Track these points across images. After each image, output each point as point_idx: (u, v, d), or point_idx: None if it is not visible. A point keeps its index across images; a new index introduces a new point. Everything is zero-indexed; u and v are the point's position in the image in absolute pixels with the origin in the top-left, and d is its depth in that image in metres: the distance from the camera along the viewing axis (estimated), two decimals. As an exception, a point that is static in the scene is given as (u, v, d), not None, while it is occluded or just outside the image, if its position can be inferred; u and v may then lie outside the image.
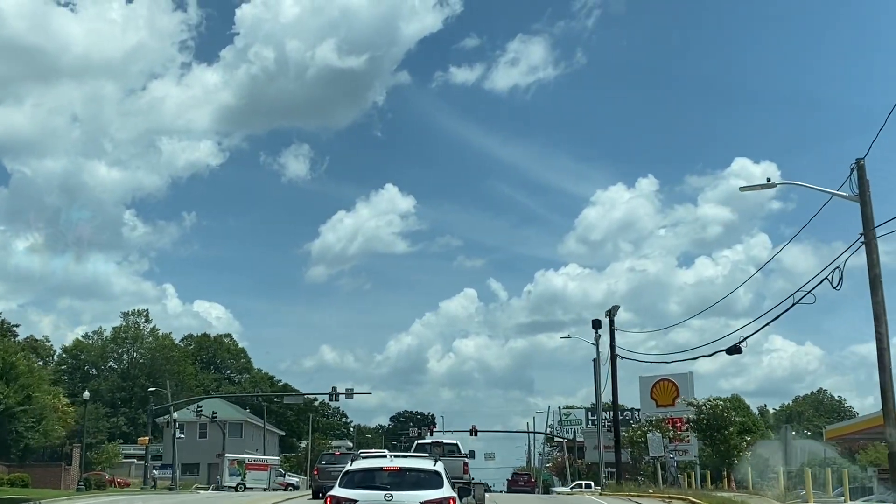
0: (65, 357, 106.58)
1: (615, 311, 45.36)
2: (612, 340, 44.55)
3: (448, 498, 13.26)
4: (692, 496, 33.87)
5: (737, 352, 27.09)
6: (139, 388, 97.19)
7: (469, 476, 26.35)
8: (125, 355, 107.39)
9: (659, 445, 42.49)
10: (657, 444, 42.35)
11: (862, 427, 45.61)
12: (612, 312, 45.17)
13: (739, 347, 26.80)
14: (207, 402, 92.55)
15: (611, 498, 37.56)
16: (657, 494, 36.84)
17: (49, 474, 54.50)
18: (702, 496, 33.62)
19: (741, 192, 22.55)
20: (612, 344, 44.44)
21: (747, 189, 22.36)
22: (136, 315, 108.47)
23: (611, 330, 44.89)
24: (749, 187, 22.32)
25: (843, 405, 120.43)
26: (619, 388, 46.14)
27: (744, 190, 22.50)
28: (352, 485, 13.44)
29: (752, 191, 22.34)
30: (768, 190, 21.81)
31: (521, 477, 74.43)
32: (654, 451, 42.68)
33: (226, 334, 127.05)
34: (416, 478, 13.63)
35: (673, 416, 53.71)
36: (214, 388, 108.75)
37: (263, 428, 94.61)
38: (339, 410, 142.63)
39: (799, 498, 34.08)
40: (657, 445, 42.35)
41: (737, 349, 26.93)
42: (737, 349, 26.93)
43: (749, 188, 22.36)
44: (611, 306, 45.70)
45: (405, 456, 16.65)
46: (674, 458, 45.82)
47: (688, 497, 33.80)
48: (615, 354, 44.04)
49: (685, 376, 58.43)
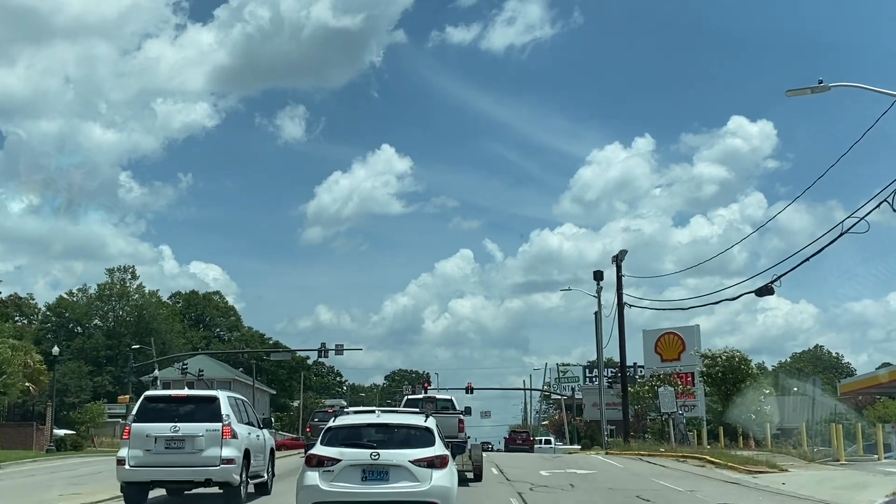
0: (49, 315, 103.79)
1: (623, 255, 42.05)
2: (619, 288, 41.33)
3: (440, 456, 12.12)
4: (709, 455, 30.94)
5: (768, 292, 24.00)
6: (125, 346, 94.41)
7: (465, 434, 23.52)
8: (111, 313, 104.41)
9: (672, 400, 39.43)
10: (669, 398, 39.30)
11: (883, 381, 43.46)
12: (619, 258, 41.88)
13: (771, 288, 23.71)
14: (195, 360, 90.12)
15: (619, 458, 34.62)
16: (669, 453, 33.93)
17: (21, 435, 51.67)
18: (720, 455, 30.70)
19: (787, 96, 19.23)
20: (619, 291, 41.23)
21: (794, 93, 19.07)
22: (123, 272, 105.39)
23: (618, 276, 41.64)
24: (797, 91, 19.02)
25: (840, 361, 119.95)
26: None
27: (791, 94, 19.17)
28: (335, 442, 12.30)
29: (800, 95, 19.04)
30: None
31: (519, 435, 71.52)
32: (666, 406, 39.62)
33: (214, 292, 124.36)
34: (405, 435, 12.53)
35: (678, 371, 51.13)
36: (203, 346, 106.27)
37: (253, 386, 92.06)
38: (334, 370, 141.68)
39: (828, 457, 31.17)
40: (669, 400, 39.31)
41: (768, 290, 23.84)
42: (768, 290, 23.84)
43: (797, 91, 19.05)
44: (618, 251, 42.43)
45: (394, 411, 15.24)
46: (682, 414, 42.89)
47: (705, 456, 30.88)
48: (622, 303, 40.83)
49: (691, 329, 55.80)
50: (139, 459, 16.11)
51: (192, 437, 16.13)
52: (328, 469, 11.92)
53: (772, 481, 23.30)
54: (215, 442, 16.04)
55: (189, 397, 17.61)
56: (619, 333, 41.87)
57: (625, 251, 42.57)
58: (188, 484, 16.61)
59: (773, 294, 23.88)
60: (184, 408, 16.79)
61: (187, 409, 16.77)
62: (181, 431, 16.14)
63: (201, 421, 16.30)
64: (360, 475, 11.86)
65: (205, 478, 16.19)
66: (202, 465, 16.04)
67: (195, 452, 16.00)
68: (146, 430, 16.21)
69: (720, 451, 32.88)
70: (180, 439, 16.15)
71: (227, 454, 16.09)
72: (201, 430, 16.15)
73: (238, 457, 16.25)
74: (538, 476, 24.06)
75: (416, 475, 11.81)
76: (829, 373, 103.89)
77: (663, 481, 23.04)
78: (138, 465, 16.11)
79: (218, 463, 16.00)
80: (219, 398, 16.96)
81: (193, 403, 17.04)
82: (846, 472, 25.32)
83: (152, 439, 16.13)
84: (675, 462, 30.81)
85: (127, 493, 16.54)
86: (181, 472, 16.09)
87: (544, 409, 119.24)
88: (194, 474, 16.13)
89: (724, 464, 28.18)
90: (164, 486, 17.05)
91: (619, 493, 19.99)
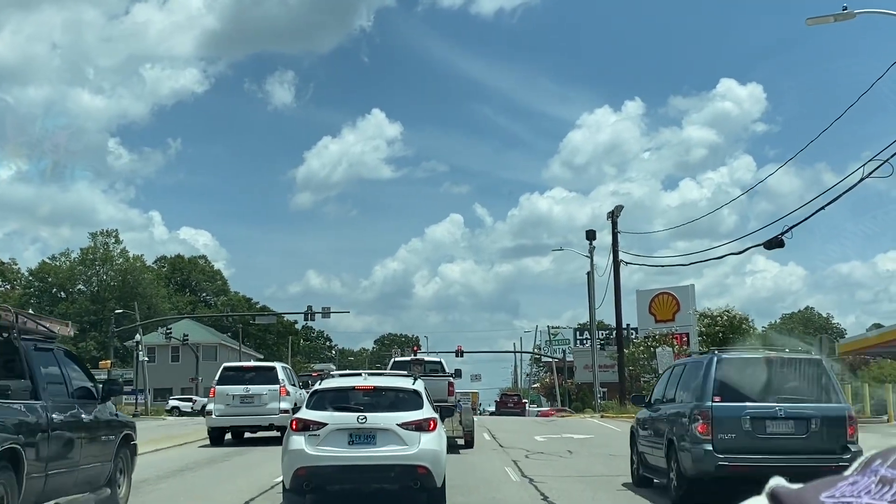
0: (32, 280, 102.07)
1: (619, 211, 40.51)
2: (614, 244, 39.83)
3: (428, 419, 11.84)
4: (710, 417, 29.60)
5: (778, 245, 22.48)
6: (109, 311, 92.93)
7: (455, 398, 22.17)
8: (94, 278, 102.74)
9: (670, 361, 37.92)
10: (668, 359, 37.81)
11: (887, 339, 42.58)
12: (614, 214, 40.34)
13: (782, 240, 22.19)
14: (180, 324, 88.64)
15: (615, 421, 33.31)
16: (668, 416, 32.62)
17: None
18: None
19: (808, 24, 17.56)
20: (614, 248, 39.72)
21: (815, 21, 17.38)
22: (106, 235, 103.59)
23: (613, 233, 40.10)
24: (818, 18, 17.33)
25: (830, 322, 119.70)
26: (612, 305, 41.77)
27: (812, 22, 17.48)
28: (321, 406, 12.10)
29: (822, 23, 17.38)
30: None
31: (510, 398, 70.50)
32: (664, 367, 38.08)
33: (200, 256, 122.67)
34: (392, 398, 12.36)
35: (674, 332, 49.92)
36: (189, 311, 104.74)
37: (239, 351, 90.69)
38: (323, 334, 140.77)
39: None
40: (668, 361, 37.79)
41: (779, 242, 22.32)
42: (779, 242, 22.32)
43: (818, 19, 17.35)
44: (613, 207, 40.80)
45: (381, 374, 15.08)
46: (679, 375, 41.54)
47: (706, 418, 29.54)
48: (618, 260, 39.30)
49: (686, 289, 54.42)
50: (222, 411, 23.18)
51: (259, 394, 23.20)
52: (314, 433, 11.58)
53: (780, 445, 21.97)
54: (275, 398, 22.77)
55: (255, 367, 25.95)
56: (615, 291, 40.48)
57: (621, 206, 41.12)
58: (257, 427, 23.27)
59: (783, 246, 22.37)
60: (250, 374, 24.39)
61: (253, 375, 24.34)
62: (251, 391, 23.26)
63: (264, 384, 23.38)
64: (347, 439, 11.58)
65: (269, 423, 22.75)
66: (267, 414, 22.75)
67: (262, 405, 22.79)
68: (226, 390, 23.35)
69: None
70: (251, 396, 23.21)
71: (284, 406, 22.60)
72: (265, 390, 23.20)
73: (291, 408, 21.39)
74: (533, 442, 22.71)
75: (403, 438, 11.50)
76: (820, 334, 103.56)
77: (666, 446, 21.68)
78: (221, 414, 23.18)
79: (278, 412, 22.50)
80: (276, 367, 24.82)
81: (257, 372, 24.79)
82: (861, 434, 23.99)
83: (230, 396, 23.20)
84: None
85: (212, 435, 23.41)
86: (252, 419, 23.04)
87: (535, 372, 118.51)
88: (261, 420, 22.81)
89: (727, 426, 26.87)
90: (240, 429, 23.76)
91: (620, 459, 18.57)
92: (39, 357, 9.97)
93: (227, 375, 24.06)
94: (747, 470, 11.08)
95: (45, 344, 10.48)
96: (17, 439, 8.55)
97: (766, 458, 11.19)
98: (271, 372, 24.17)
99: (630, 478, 15.21)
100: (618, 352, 43.00)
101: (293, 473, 11.48)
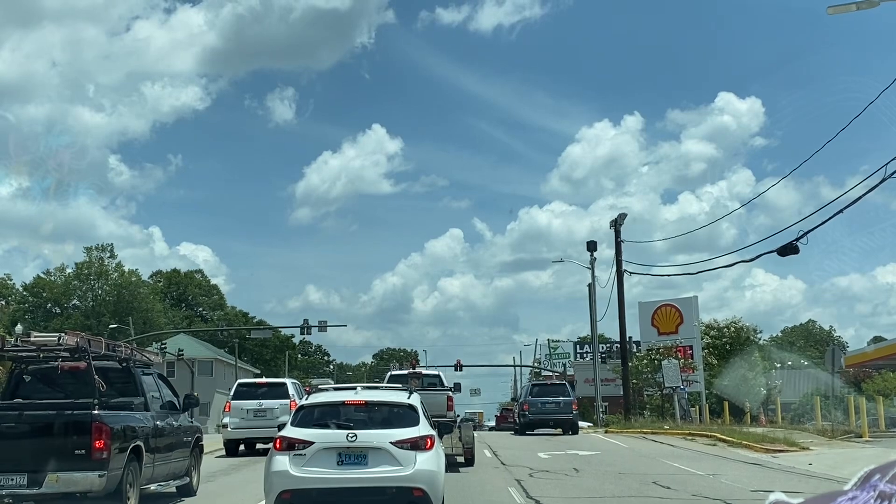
0: (26, 296, 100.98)
1: (622, 219, 39.38)
2: (617, 253, 38.69)
3: (425, 437, 10.94)
4: (719, 433, 28.53)
5: (792, 251, 21.48)
6: (105, 326, 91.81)
7: (454, 413, 21.12)
8: (90, 293, 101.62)
9: (676, 374, 36.91)
10: (674, 372, 36.79)
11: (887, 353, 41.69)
12: (618, 222, 39.20)
13: (796, 246, 21.19)
14: (175, 339, 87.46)
15: (621, 436, 32.18)
16: (675, 431, 31.53)
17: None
18: (731, 433, 28.30)
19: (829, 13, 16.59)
20: (617, 258, 38.58)
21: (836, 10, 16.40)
22: (101, 250, 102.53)
23: (616, 242, 38.96)
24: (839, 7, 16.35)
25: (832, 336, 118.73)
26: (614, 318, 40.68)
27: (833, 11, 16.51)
28: (308, 423, 11.27)
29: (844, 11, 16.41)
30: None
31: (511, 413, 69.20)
32: (670, 380, 37.06)
33: (197, 270, 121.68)
34: (385, 413, 11.50)
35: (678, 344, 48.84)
36: (185, 325, 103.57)
37: (235, 366, 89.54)
38: (321, 349, 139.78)
39: (848, 433, 28.81)
40: (674, 374, 36.80)
41: (793, 248, 21.33)
42: (793, 248, 21.33)
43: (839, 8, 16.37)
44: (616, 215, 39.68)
45: (375, 388, 13.89)
46: (685, 389, 40.49)
47: (715, 434, 28.47)
48: (622, 270, 38.21)
49: (689, 301, 53.36)
50: (236, 424, 24.59)
51: (271, 409, 24.53)
52: (299, 453, 10.73)
53: (796, 462, 20.93)
54: (286, 412, 22.57)
55: (267, 383, 27.58)
56: (619, 302, 39.40)
57: (624, 214, 39.98)
58: (268, 439, 22.18)
59: (797, 252, 21.37)
60: (263, 390, 25.95)
61: (265, 390, 25.88)
62: (264, 405, 24.73)
63: (276, 398, 24.87)
64: (336, 459, 10.72)
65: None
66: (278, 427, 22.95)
67: (273, 419, 23.21)
68: (240, 405, 24.81)
69: (730, 429, 30.51)
70: (263, 410, 24.62)
71: None
72: (277, 405, 24.54)
73: None
74: (537, 459, 21.59)
75: (397, 458, 10.64)
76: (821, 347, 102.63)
77: (677, 463, 20.61)
78: (236, 427, 24.59)
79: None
80: (286, 383, 26.82)
81: (269, 387, 26.36)
82: (876, 449, 23.00)
83: (244, 410, 24.63)
84: (683, 441, 28.38)
85: (228, 446, 24.79)
86: (264, 432, 23.35)
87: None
88: (273, 433, 23.71)
89: (738, 442, 25.80)
90: (254, 441, 24.86)
91: (630, 478, 17.52)
92: (145, 379, 14.14)
93: (241, 391, 25.83)
94: None
95: (148, 370, 14.74)
96: (140, 439, 12.42)
97: None
98: (282, 387, 25.97)
99: (646, 500, 14.12)
100: (622, 364, 41.86)
101: (277, 497, 10.64)
